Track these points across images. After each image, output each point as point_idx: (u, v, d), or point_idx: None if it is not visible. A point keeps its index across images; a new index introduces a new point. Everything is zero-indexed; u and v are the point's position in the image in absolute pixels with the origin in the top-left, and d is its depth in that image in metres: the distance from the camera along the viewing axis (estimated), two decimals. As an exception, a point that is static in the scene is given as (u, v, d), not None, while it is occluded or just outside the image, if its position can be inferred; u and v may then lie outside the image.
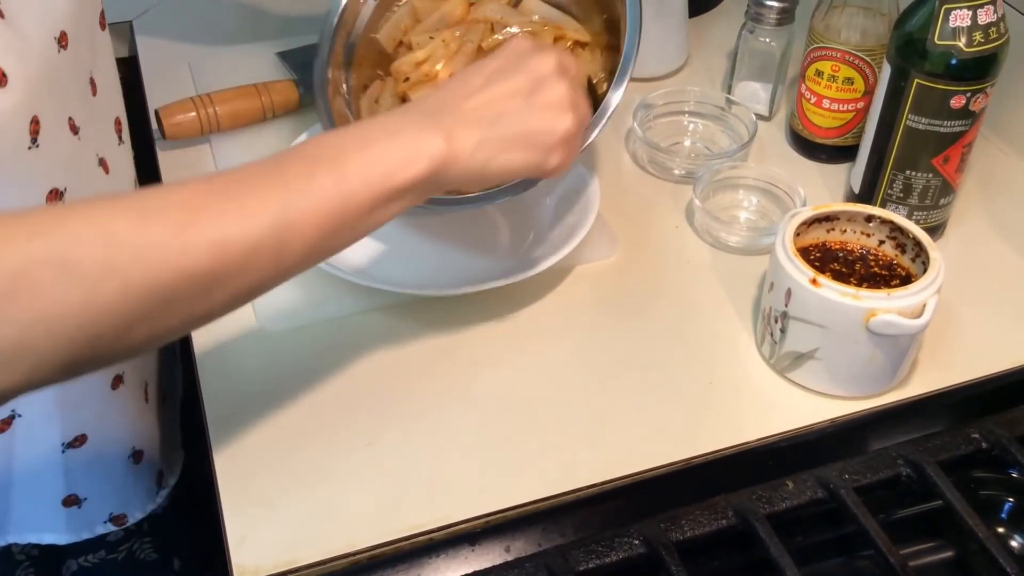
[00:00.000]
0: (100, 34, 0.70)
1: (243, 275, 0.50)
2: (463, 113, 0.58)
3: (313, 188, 0.51)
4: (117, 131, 0.72)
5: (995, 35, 0.71)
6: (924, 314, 0.64)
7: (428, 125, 0.56)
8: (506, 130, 0.58)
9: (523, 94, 0.59)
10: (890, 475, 0.63)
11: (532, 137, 0.59)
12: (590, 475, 0.65)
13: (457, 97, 0.58)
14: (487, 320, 0.75)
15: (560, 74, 0.60)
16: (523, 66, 0.60)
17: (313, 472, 0.65)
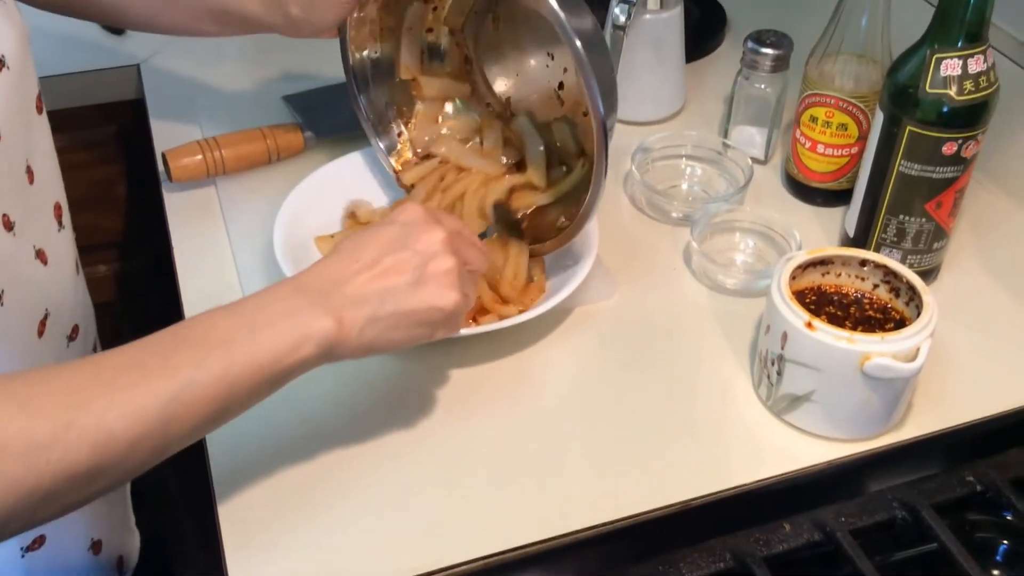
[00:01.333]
0: (37, 119, 0.68)
1: (124, 464, 0.51)
2: (352, 293, 0.59)
3: (201, 376, 0.52)
4: (57, 217, 0.70)
5: (985, 83, 0.73)
6: (918, 358, 0.65)
7: (317, 306, 0.57)
8: (392, 309, 0.60)
9: (410, 272, 0.60)
10: (886, 517, 0.64)
11: (417, 315, 0.61)
12: (587, 517, 0.65)
13: (347, 274, 0.60)
14: (487, 362, 0.76)
15: (447, 251, 0.62)
16: (412, 242, 0.61)
17: (315, 517, 0.65)
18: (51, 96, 1.04)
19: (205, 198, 0.91)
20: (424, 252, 0.62)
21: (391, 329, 0.61)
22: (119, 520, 0.83)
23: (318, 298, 0.58)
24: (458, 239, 0.64)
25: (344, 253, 0.62)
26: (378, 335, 0.60)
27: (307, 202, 0.84)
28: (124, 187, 1.16)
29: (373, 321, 0.60)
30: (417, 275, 0.61)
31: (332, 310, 0.58)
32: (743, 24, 1.16)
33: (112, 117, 1.10)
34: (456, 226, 0.66)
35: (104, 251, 1.19)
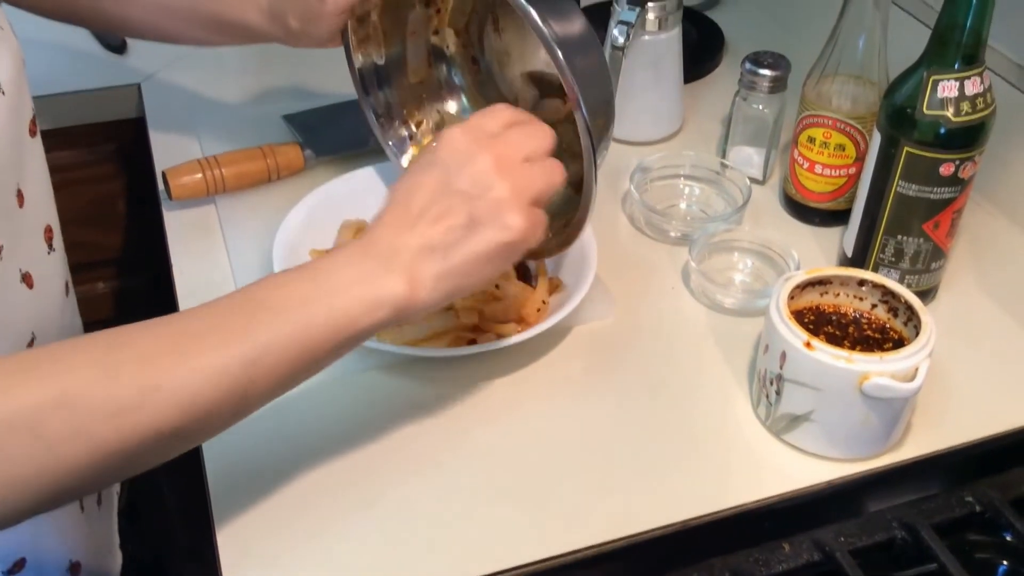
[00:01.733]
0: (30, 142, 0.68)
1: (206, 426, 0.53)
2: (416, 247, 0.58)
3: (279, 339, 0.53)
4: (47, 240, 0.70)
5: (982, 105, 0.73)
6: (917, 378, 0.65)
7: (387, 268, 0.57)
8: (459, 259, 0.58)
9: (464, 215, 0.58)
10: (885, 538, 0.64)
11: (486, 255, 0.59)
12: (586, 537, 0.65)
13: (405, 228, 0.58)
14: (485, 380, 0.76)
15: (496, 179, 0.58)
16: (456, 181, 0.59)
17: (313, 532, 0.65)
18: (52, 114, 1.05)
19: (205, 216, 0.91)
20: (472, 187, 0.58)
21: (464, 276, 0.59)
22: (101, 542, 0.82)
23: (385, 259, 0.57)
24: (507, 158, 0.59)
25: (397, 203, 0.59)
26: (452, 285, 0.59)
27: (307, 220, 0.84)
28: (124, 205, 1.16)
29: (443, 275, 0.58)
30: (471, 213, 0.58)
31: (401, 270, 0.57)
32: (741, 45, 1.16)
33: (113, 135, 1.11)
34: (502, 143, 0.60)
35: (103, 268, 1.19)
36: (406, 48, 0.85)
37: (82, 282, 1.17)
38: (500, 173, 0.59)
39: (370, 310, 0.56)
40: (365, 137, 0.99)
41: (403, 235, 0.58)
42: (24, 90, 0.67)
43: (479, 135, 0.60)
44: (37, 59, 0.82)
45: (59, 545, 0.75)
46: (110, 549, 0.84)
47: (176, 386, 0.50)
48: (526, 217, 0.59)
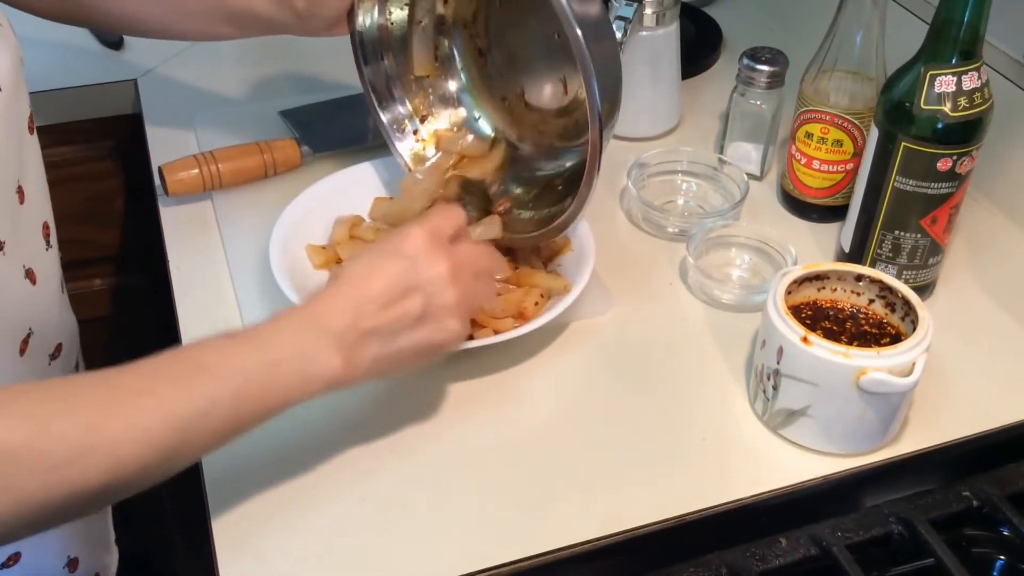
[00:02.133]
0: (28, 139, 0.68)
1: (132, 484, 0.53)
2: (362, 330, 0.60)
3: (213, 408, 0.54)
4: (45, 236, 0.71)
5: (980, 100, 0.73)
6: (913, 373, 0.65)
7: (329, 346, 0.59)
8: (397, 347, 0.62)
9: (416, 310, 0.62)
10: (882, 532, 0.64)
11: (419, 350, 0.63)
12: (584, 532, 0.65)
13: (356, 308, 0.60)
14: (482, 376, 0.76)
15: (451, 285, 0.63)
16: (417, 277, 0.62)
17: (308, 526, 0.65)
18: (49, 110, 1.05)
19: (201, 212, 0.91)
20: (428, 288, 0.62)
21: (394, 364, 0.63)
22: (97, 537, 0.82)
23: (330, 336, 0.59)
24: (461, 269, 0.64)
25: (352, 283, 0.62)
26: (380, 370, 0.63)
27: (303, 216, 0.84)
28: (121, 201, 1.16)
29: (378, 359, 0.62)
30: (422, 312, 0.62)
31: (342, 349, 0.60)
32: (739, 41, 1.16)
33: (109, 131, 1.10)
34: (458, 255, 0.65)
35: (100, 265, 1.19)
36: (412, 35, 0.84)
37: (79, 278, 1.17)
38: (454, 282, 0.63)
39: (304, 385, 0.59)
40: (362, 133, 0.99)
41: (353, 314, 0.60)
42: (22, 87, 0.67)
43: (439, 240, 0.64)
44: (35, 55, 0.82)
45: (56, 541, 0.75)
46: (107, 545, 0.84)
47: (107, 447, 0.51)
48: (463, 326, 0.65)
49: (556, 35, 0.79)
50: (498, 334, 0.74)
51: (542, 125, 0.85)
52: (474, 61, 0.87)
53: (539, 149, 0.86)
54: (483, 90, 0.88)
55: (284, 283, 0.76)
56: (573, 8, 0.66)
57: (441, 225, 0.66)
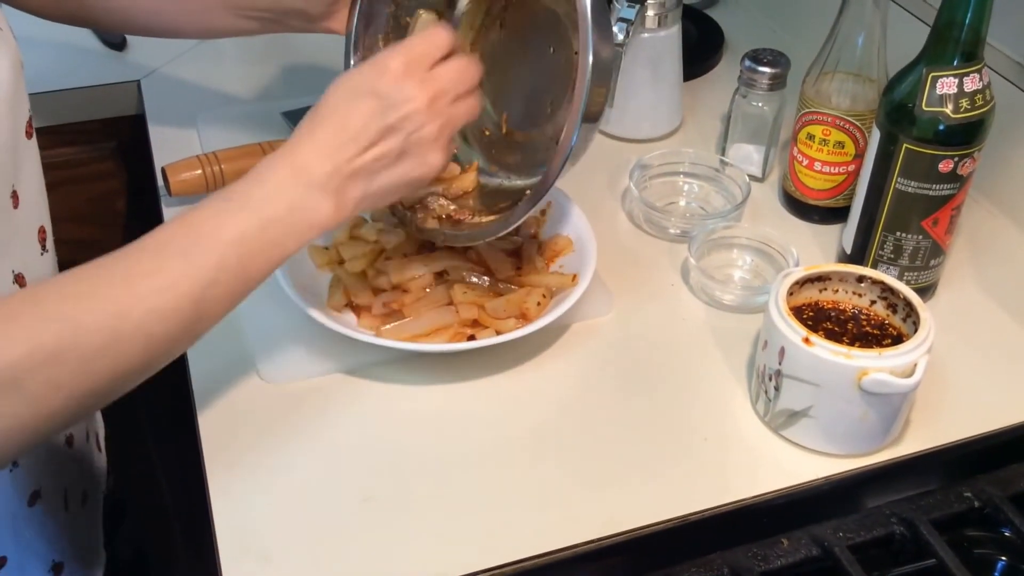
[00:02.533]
0: (26, 143, 0.68)
1: (168, 355, 0.58)
2: (346, 171, 0.62)
3: (222, 273, 0.58)
4: (41, 240, 0.71)
5: (981, 102, 0.73)
6: (915, 373, 0.65)
7: (318, 193, 0.61)
8: (381, 184, 0.64)
9: (395, 145, 0.63)
10: (884, 533, 0.64)
11: (403, 183, 0.65)
12: (586, 532, 0.65)
13: (337, 149, 0.62)
14: (484, 376, 0.76)
15: (428, 118, 0.63)
16: (393, 113, 0.62)
17: (311, 525, 0.65)
18: (52, 111, 1.06)
19: (204, 212, 0.91)
20: (407, 125, 0.63)
21: (379, 199, 0.65)
22: (85, 542, 0.82)
23: (317, 182, 0.61)
24: (440, 98, 0.64)
25: (328, 126, 0.62)
26: (369, 206, 0.65)
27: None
28: (124, 202, 1.16)
29: (364, 197, 0.63)
30: (400, 148, 0.63)
31: (331, 193, 0.61)
32: (740, 43, 1.17)
33: (112, 132, 1.11)
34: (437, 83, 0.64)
35: (103, 266, 1.19)
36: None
37: (81, 279, 1.17)
38: (432, 113, 0.63)
39: (300, 235, 0.61)
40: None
41: (335, 157, 0.62)
42: (21, 91, 0.67)
43: (416, 69, 0.64)
44: (38, 56, 0.82)
45: (42, 545, 0.74)
46: (95, 549, 0.84)
47: (135, 330, 0.54)
48: (444, 155, 0.66)
49: (552, 49, 0.80)
50: (500, 334, 0.75)
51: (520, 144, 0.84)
52: None
53: (511, 165, 0.84)
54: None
55: (286, 282, 0.76)
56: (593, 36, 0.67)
57: (418, 52, 0.64)
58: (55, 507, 0.75)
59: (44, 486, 0.73)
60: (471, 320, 0.77)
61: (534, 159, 0.82)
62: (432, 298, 0.78)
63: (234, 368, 0.76)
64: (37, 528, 0.73)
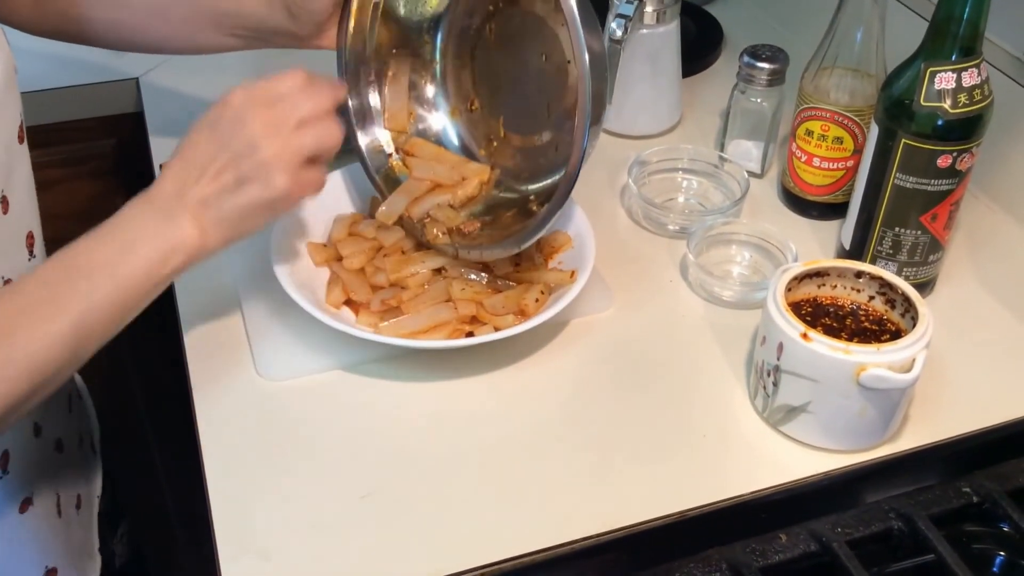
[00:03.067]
0: (18, 148, 0.69)
1: (50, 385, 0.60)
2: (196, 197, 0.63)
3: (97, 302, 0.60)
4: (28, 246, 0.72)
5: (979, 97, 0.73)
6: (914, 368, 0.65)
7: (173, 217, 0.63)
8: (230, 207, 0.64)
9: (232, 172, 0.64)
10: (882, 528, 0.64)
11: (253, 207, 0.65)
12: (584, 528, 0.65)
13: (188, 179, 0.64)
14: (483, 372, 0.76)
15: (264, 142, 0.64)
16: (229, 140, 0.64)
17: (309, 523, 0.65)
18: (50, 109, 1.06)
19: (203, 210, 0.91)
20: (240, 149, 0.63)
21: (238, 222, 0.65)
22: (79, 546, 0.81)
23: (171, 208, 0.63)
24: (279, 122, 0.64)
25: (178, 158, 0.65)
26: (230, 230, 0.65)
27: (304, 214, 0.84)
28: (122, 200, 1.15)
29: (219, 221, 0.64)
30: (240, 173, 0.63)
31: (187, 218, 0.63)
32: (739, 39, 1.16)
33: (111, 130, 1.11)
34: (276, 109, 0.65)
35: (102, 264, 1.19)
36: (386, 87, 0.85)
37: (81, 277, 1.17)
38: (268, 136, 0.64)
39: (166, 259, 0.62)
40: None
41: (182, 188, 0.64)
42: (14, 96, 0.67)
43: (258, 98, 0.65)
44: (37, 54, 0.82)
45: (35, 551, 0.74)
46: (89, 553, 0.83)
47: (22, 356, 0.57)
48: (291, 177, 0.65)
49: (544, 56, 0.80)
50: (499, 331, 0.75)
51: (519, 150, 0.84)
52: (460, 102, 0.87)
53: (510, 173, 0.85)
54: (464, 120, 0.87)
55: (285, 280, 0.76)
56: (584, 39, 0.67)
57: (262, 84, 0.66)
58: (48, 513, 0.75)
59: (36, 493, 0.73)
60: (469, 316, 0.77)
61: (537, 164, 0.82)
62: (430, 295, 0.78)
63: (232, 365, 0.76)
64: (29, 534, 0.73)
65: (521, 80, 0.83)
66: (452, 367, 0.76)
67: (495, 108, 0.85)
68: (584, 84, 0.68)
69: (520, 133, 0.84)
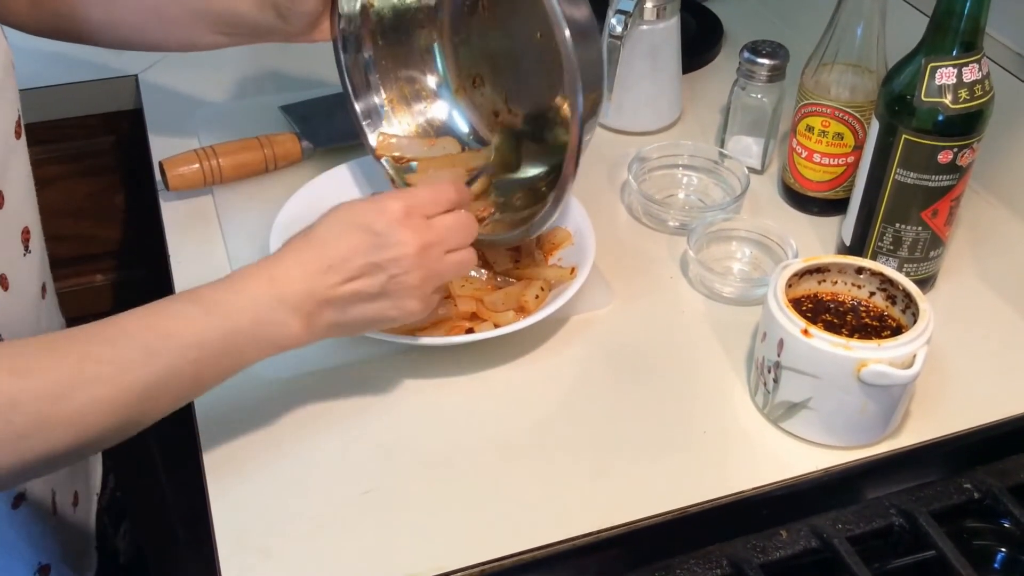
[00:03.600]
0: (15, 143, 0.68)
1: (99, 446, 0.56)
2: (321, 298, 0.61)
3: (172, 375, 0.56)
4: (24, 241, 0.70)
5: (980, 92, 0.73)
6: (914, 364, 0.65)
7: (289, 315, 0.60)
8: (353, 317, 0.63)
9: (375, 285, 0.62)
10: (883, 524, 0.64)
11: (373, 321, 0.65)
12: (584, 524, 0.65)
13: (317, 275, 0.61)
14: (483, 369, 0.76)
15: (415, 266, 0.63)
16: (381, 253, 0.62)
17: (310, 520, 0.65)
18: (50, 105, 1.05)
19: (202, 207, 0.91)
20: (392, 268, 0.63)
21: (350, 329, 0.65)
22: (75, 544, 0.81)
23: (290, 301, 0.60)
24: (432, 248, 0.64)
25: (314, 250, 0.62)
26: (336, 332, 0.64)
27: (304, 211, 0.83)
28: (122, 196, 1.16)
29: (334, 326, 0.63)
30: (380, 288, 0.63)
31: (304, 315, 0.61)
32: (739, 35, 1.16)
33: (110, 126, 1.10)
34: (432, 233, 0.64)
35: (102, 261, 1.19)
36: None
37: (80, 274, 1.17)
38: (420, 261, 0.63)
39: (261, 350, 0.60)
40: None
41: (314, 281, 0.61)
42: (11, 91, 0.66)
43: (417, 217, 0.64)
44: (36, 50, 0.82)
45: (27, 547, 0.74)
46: (85, 550, 0.83)
47: (70, 417, 0.53)
48: (423, 305, 0.65)
49: (539, 34, 0.79)
50: (499, 328, 0.75)
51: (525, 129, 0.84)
52: (463, 81, 0.87)
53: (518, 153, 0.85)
54: (468, 101, 0.87)
55: (285, 277, 0.76)
56: (563, 9, 0.66)
57: (421, 200, 0.65)
58: (41, 509, 0.75)
59: (29, 488, 0.73)
60: (469, 313, 0.77)
61: (543, 144, 0.82)
62: None
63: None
64: (22, 531, 0.73)
65: (520, 56, 0.83)
66: (452, 364, 0.76)
67: (497, 85, 0.85)
68: (567, 51, 0.67)
69: (524, 109, 0.83)
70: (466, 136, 0.87)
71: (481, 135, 0.87)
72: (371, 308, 0.63)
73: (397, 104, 0.87)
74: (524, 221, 0.77)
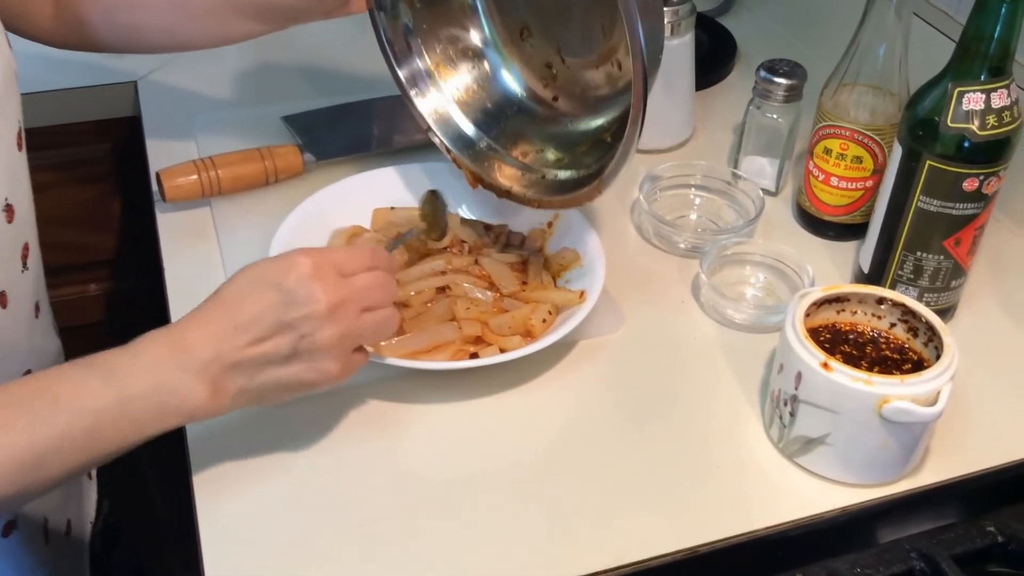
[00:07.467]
0: (18, 155, 0.66)
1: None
2: (228, 361, 0.58)
3: (65, 446, 0.54)
4: (23, 257, 0.68)
5: (1009, 119, 0.71)
6: (939, 402, 0.63)
7: (192, 377, 0.57)
8: (263, 381, 0.59)
9: (285, 346, 0.59)
10: (903, 569, 0.61)
11: (288, 386, 0.60)
12: (591, 562, 0.62)
13: (224, 336, 0.58)
14: (490, 395, 0.73)
15: (327, 324, 0.59)
16: (291, 311, 0.58)
17: (305, 552, 0.62)
18: (46, 111, 1.03)
19: (199, 219, 0.88)
20: (302, 327, 0.59)
21: (261, 396, 0.60)
22: (67, 572, 0.78)
23: (194, 366, 0.57)
24: (346, 305, 0.60)
25: (222, 310, 0.59)
26: (247, 402, 0.60)
27: (305, 226, 0.81)
28: (117, 205, 1.13)
29: (243, 391, 0.59)
30: (292, 348, 0.59)
31: (208, 380, 0.57)
32: (753, 53, 1.14)
33: (107, 134, 1.08)
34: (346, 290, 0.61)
35: (95, 270, 1.17)
36: None
37: (73, 283, 1.14)
38: (333, 320, 0.59)
39: (165, 417, 0.57)
40: (367, 140, 0.97)
41: (221, 344, 0.58)
42: (13, 101, 0.64)
43: (329, 274, 0.60)
44: (33, 55, 0.79)
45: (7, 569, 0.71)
46: (77, 571, 0.81)
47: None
48: (341, 365, 0.61)
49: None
50: (504, 352, 0.72)
51: (580, 78, 0.81)
52: (509, 33, 0.83)
53: (577, 104, 0.82)
54: (518, 56, 0.84)
55: (283, 295, 0.73)
56: None
57: (334, 258, 0.61)
58: (33, 538, 0.72)
59: (20, 517, 0.70)
60: (474, 337, 0.74)
61: (597, 93, 0.79)
62: (434, 313, 0.76)
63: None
64: (12, 560, 0.70)
65: (569, 3, 0.80)
66: (455, 389, 0.73)
67: (547, 34, 0.82)
68: None
69: (578, 58, 0.80)
70: (521, 97, 0.84)
71: (538, 95, 0.83)
72: (284, 372, 0.59)
73: (443, 67, 0.84)
74: (591, 178, 0.74)
